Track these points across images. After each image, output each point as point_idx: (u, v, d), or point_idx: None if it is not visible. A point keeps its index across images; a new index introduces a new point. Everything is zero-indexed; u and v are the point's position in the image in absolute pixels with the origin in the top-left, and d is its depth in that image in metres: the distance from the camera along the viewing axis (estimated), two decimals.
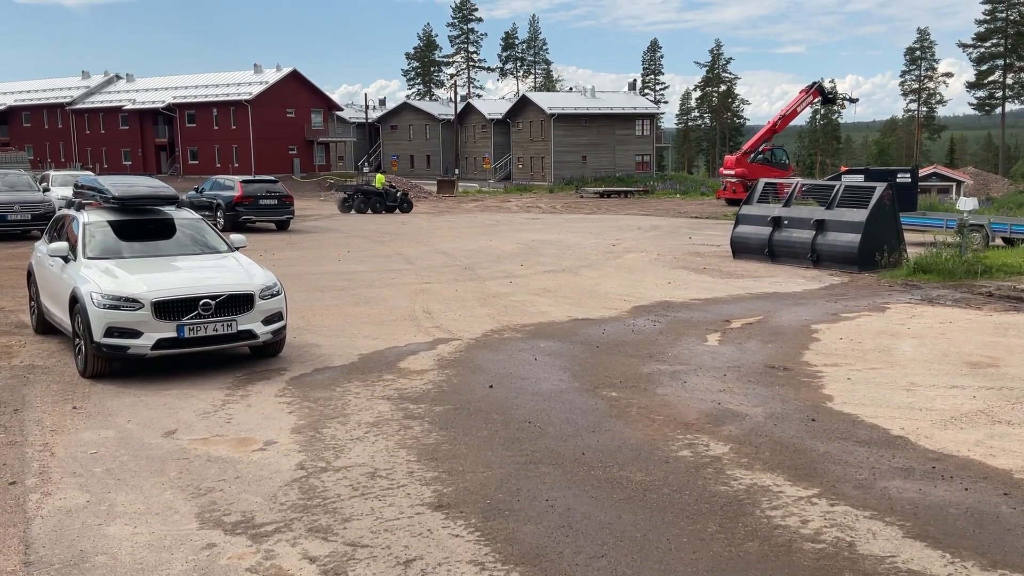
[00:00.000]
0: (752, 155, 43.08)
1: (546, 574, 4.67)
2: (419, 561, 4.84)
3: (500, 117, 74.70)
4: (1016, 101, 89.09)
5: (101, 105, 77.21)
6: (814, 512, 5.50)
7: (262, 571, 4.73)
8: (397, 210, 36.59)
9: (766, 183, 20.74)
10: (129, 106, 74.74)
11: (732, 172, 42.35)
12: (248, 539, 5.14)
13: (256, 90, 68.95)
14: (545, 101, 71.31)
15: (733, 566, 4.77)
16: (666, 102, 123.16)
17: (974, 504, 5.61)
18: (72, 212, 10.53)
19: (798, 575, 4.67)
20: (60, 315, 9.71)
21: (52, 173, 32.31)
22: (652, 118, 73.11)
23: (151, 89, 76.70)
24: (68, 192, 13.90)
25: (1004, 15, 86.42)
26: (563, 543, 5.05)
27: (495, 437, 7.00)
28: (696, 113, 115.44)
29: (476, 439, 6.96)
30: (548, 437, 6.99)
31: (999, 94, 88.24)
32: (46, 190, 26.24)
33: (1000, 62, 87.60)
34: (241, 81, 71.52)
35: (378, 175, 42.27)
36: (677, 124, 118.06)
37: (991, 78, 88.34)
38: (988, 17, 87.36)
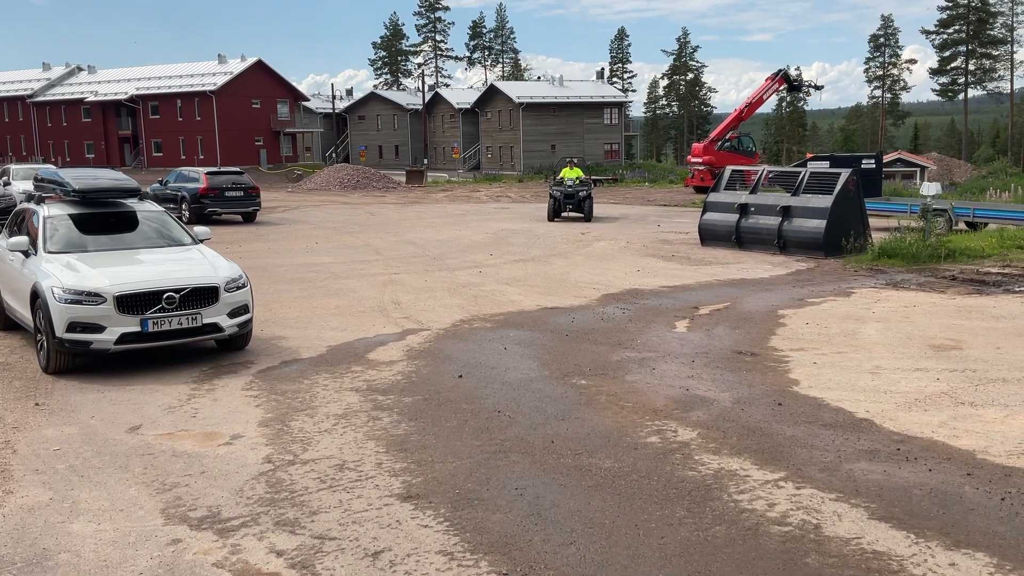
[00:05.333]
0: (719, 143, 43.31)
1: (515, 562, 4.67)
2: (388, 552, 4.82)
3: (469, 107, 74.42)
4: (978, 87, 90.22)
5: (63, 97, 76.00)
6: (780, 495, 5.55)
7: (228, 566, 4.69)
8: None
9: (733, 170, 20.85)
10: (91, 98, 73.62)
11: (700, 160, 42.54)
12: (214, 534, 5.09)
13: (221, 81, 68.17)
14: (514, 90, 71.14)
15: (701, 550, 4.80)
16: (634, 91, 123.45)
17: (938, 485, 5.68)
18: (32, 206, 10.35)
19: (765, 558, 4.70)
20: (21, 311, 9.55)
21: (12, 167, 31.79)
22: (620, 107, 73.20)
23: (113, 81, 75.58)
24: (29, 186, 13.68)
25: (966, 2, 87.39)
26: (532, 531, 5.06)
27: (464, 427, 6.99)
28: (664, 101, 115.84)
29: (445, 429, 6.94)
30: (517, 426, 6.99)
31: (961, 80, 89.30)
32: (6, 184, 25.80)
33: (962, 48, 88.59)
34: (205, 72, 70.67)
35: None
36: (645, 112, 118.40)
37: (954, 64, 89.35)
38: (950, 4, 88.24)
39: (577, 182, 26.46)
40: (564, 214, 26.37)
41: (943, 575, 4.50)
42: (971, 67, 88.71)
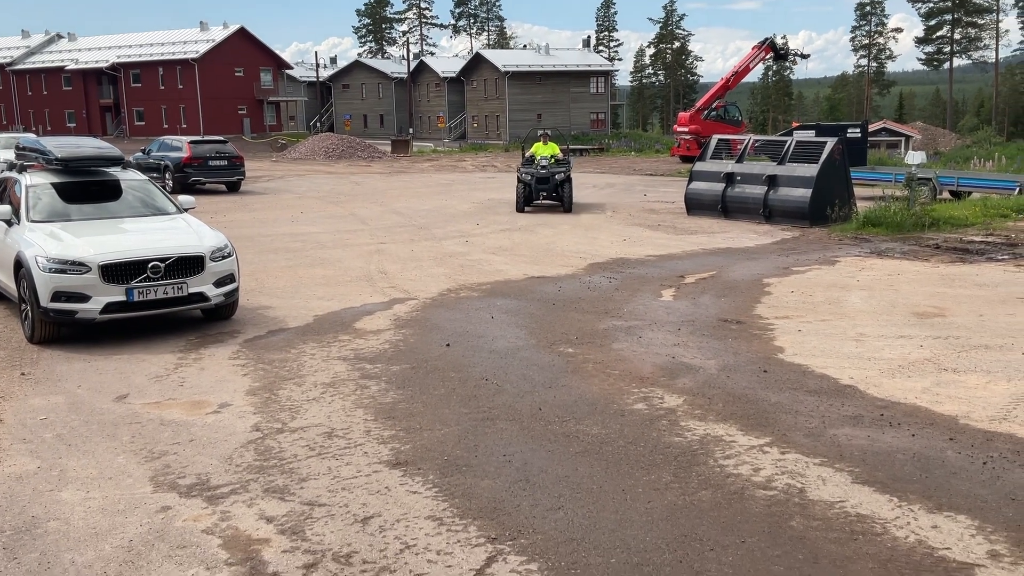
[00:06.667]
0: (705, 112, 43.25)
1: (503, 527, 4.72)
2: (377, 518, 4.85)
3: (454, 75, 73.91)
4: (964, 56, 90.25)
5: (43, 65, 74.93)
6: (765, 460, 5.61)
7: (218, 532, 4.71)
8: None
9: (719, 139, 20.83)
10: (72, 66, 72.63)
11: (686, 129, 42.50)
12: (204, 501, 5.10)
13: (203, 48, 67.35)
14: (499, 59, 70.65)
15: (687, 514, 4.86)
16: (620, 59, 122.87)
17: (921, 449, 5.76)
18: (14, 175, 10.24)
19: (750, 521, 4.76)
20: (5, 280, 9.48)
21: None
22: (607, 75, 72.87)
23: (94, 48, 74.53)
24: (10, 155, 13.53)
25: None
26: (520, 496, 5.10)
27: (452, 395, 7.02)
28: (650, 70, 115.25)
29: (433, 397, 6.96)
30: (505, 394, 7.02)
31: (947, 49, 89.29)
32: None
33: (948, 17, 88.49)
34: (187, 39, 69.79)
35: None
36: (631, 81, 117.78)
37: (939, 33, 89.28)
38: None
39: (552, 161, 20.48)
40: (537, 202, 20.65)
41: (926, 537, 4.57)
42: (956, 36, 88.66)
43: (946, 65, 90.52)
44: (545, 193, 20.31)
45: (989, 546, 4.47)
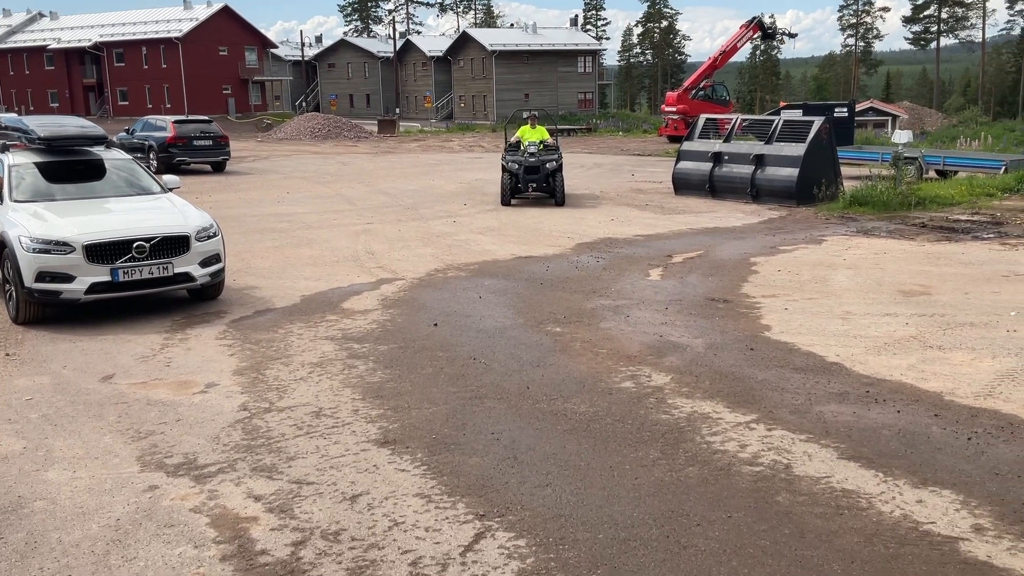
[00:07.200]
0: (693, 92, 43.16)
1: (492, 504, 4.73)
2: (365, 496, 4.86)
3: (441, 54, 73.41)
4: (950, 35, 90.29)
5: (24, 45, 73.96)
6: (752, 437, 5.64)
7: (206, 511, 4.71)
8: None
9: (707, 119, 20.81)
10: (54, 45, 71.75)
11: (674, 109, 42.40)
12: (191, 480, 5.10)
13: (186, 27, 66.59)
14: (486, 38, 70.21)
15: (674, 490, 4.88)
16: (608, 38, 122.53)
17: (906, 425, 5.80)
18: None
19: (736, 497, 4.79)
20: None
21: None
22: (594, 55, 72.54)
23: (76, 27, 73.63)
24: None
25: None
26: (508, 474, 5.11)
27: (440, 374, 7.01)
28: (638, 49, 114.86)
29: (421, 376, 6.96)
30: (493, 373, 7.03)
31: (934, 28, 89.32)
32: None
33: None
34: (171, 18, 68.98)
35: None
36: (619, 61, 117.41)
37: (926, 12, 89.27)
38: None
39: (541, 147, 17.91)
40: (525, 194, 18.05)
41: (911, 512, 4.61)
42: (943, 15, 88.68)
43: (933, 44, 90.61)
44: (535, 184, 17.72)
45: (973, 520, 4.51)
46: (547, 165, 17.63)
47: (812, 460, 5.27)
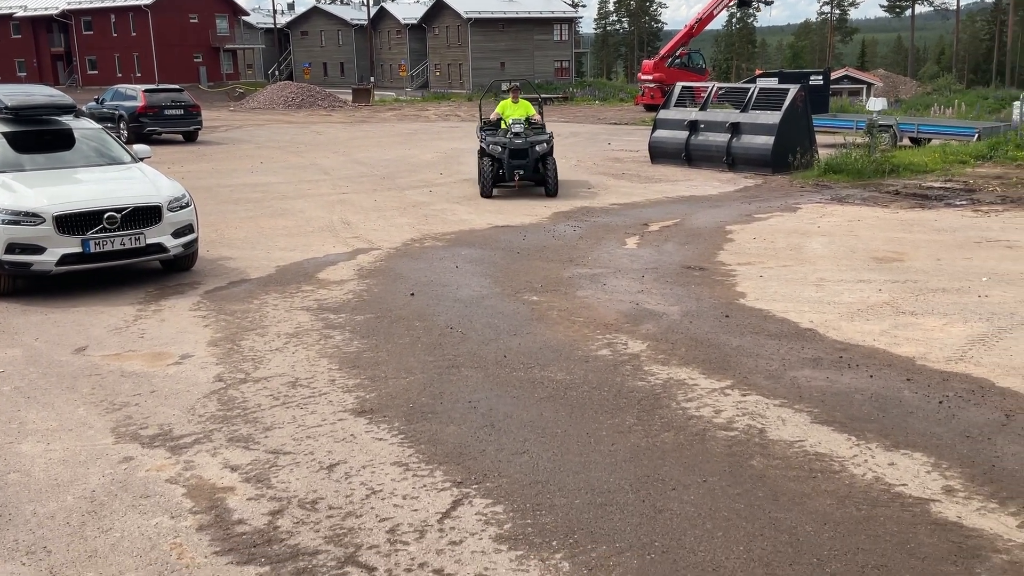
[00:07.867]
0: (670, 60, 43.04)
1: (469, 471, 4.75)
2: (343, 465, 4.86)
3: (415, 22, 72.70)
4: (925, 3, 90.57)
5: None
6: (727, 402, 5.68)
7: (182, 481, 4.69)
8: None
9: (683, 87, 20.76)
10: (20, 13, 70.24)
11: (650, 77, 42.28)
12: (167, 451, 5.07)
13: None
14: (461, 5, 69.47)
15: (650, 455, 4.92)
16: (584, 6, 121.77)
17: (878, 390, 5.87)
18: None
19: (711, 461, 4.84)
20: None
21: None
22: (571, 22, 72.10)
23: None
24: None
25: None
26: (485, 441, 5.13)
27: (417, 343, 7.01)
28: (614, 17, 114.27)
29: (398, 346, 6.95)
30: (470, 342, 7.03)
31: None
32: None
33: None
34: None
35: None
36: (595, 29, 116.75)
37: None
38: None
39: (527, 125, 15.00)
40: (510, 183, 14.83)
41: (883, 474, 4.67)
42: None
43: (908, 12, 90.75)
44: (522, 172, 14.60)
45: (944, 482, 4.59)
46: (536, 148, 14.60)
47: (786, 424, 5.33)
